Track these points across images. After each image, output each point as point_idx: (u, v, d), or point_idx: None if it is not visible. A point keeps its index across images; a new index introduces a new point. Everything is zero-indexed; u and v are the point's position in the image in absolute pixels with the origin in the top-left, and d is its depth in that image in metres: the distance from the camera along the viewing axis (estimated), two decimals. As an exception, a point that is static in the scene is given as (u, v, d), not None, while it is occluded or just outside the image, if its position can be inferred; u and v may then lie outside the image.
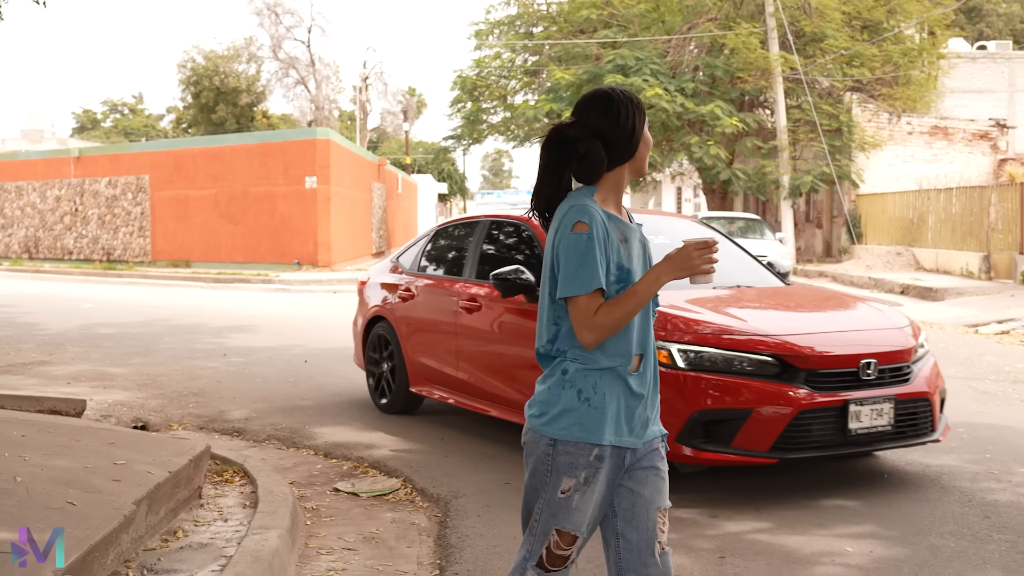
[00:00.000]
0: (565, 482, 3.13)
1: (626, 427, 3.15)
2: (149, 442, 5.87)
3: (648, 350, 3.21)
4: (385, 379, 8.65)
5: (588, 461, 3.11)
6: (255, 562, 4.65)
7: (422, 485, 6.45)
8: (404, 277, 8.65)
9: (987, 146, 30.08)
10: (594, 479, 3.12)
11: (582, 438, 3.10)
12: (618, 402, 3.12)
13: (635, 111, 3.27)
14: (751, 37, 27.84)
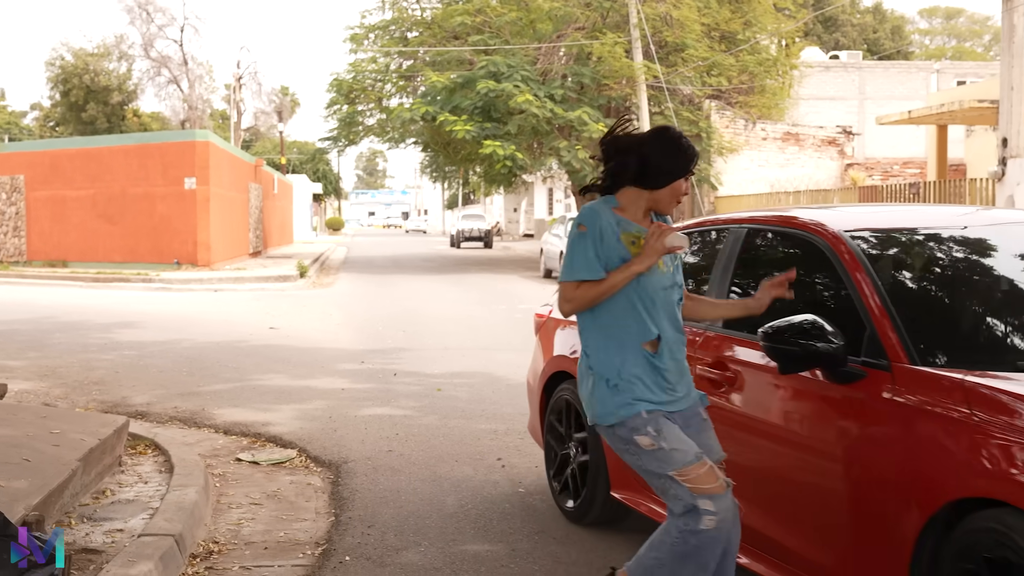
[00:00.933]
0: (642, 440, 3.69)
1: (658, 393, 3.76)
2: (77, 416, 6.68)
3: (666, 334, 3.79)
4: (573, 470, 5.64)
5: (643, 422, 3.70)
6: (179, 511, 5.53)
7: (315, 454, 7.37)
8: None
9: (835, 151, 32.09)
10: (663, 427, 3.70)
11: (623, 418, 3.72)
12: (643, 378, 3.75)
13: (681, 159, 3.79)
14: (616, 47, 29.23)
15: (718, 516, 3.60)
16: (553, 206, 61.58)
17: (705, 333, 4.80)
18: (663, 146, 3.79)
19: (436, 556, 5.16)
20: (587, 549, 5.24)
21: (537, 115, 28.62)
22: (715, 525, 3.60)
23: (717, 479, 3.65)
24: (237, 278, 24.68)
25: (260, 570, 5.01)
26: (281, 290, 23.23)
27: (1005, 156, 16.15)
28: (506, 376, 10.54)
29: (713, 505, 3.60)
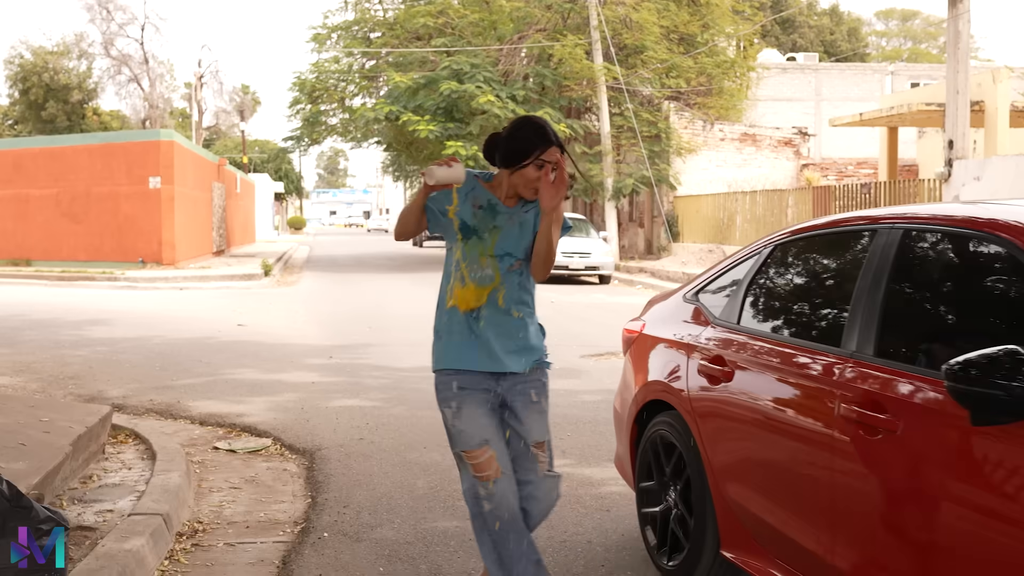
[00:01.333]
0: (445, 413, 4.08)
1: (468, 355, 4.04)
2: (63, 406, 7.00)
3: (489, 297, 4.04)
4: (674, 524, 4.75)
5: (451, 392, 4.04)
6: (164, 493, 5.88)
7: (289, 442, 7.72)
8: (713, 334, 4.63)
9: (791, 152, 32.69)
10: (462, 404, 4.00)
11: (441, 367, 4.10)
12: (459, 337, 4.07)
13: (532, 140, 4.00)
14: (577, 48, 29.70)
15: (494, 500, 3.96)
16: (515, 205, 61.92)
17: (850, 361, 3.68)
18: (511, 131, 4.07)
19: (409, 532, 5.54)
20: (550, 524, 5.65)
21: (499, 115, 29.02)
22: (490, 508, 3.97)
23: (494, 468, 3.95)
24: (202, 277, 24.90)
25: (244, 546, 5.36)
26: (246, 288, 23.48)
27: (951, 157, 16.73)
28: (470, 370, 10.91)
29: (484, 490, 3.97)
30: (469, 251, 4.07)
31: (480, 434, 3.99)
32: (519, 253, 4.10)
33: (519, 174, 4.02)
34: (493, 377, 4.07)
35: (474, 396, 4.04)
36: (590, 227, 27.27)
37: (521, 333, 4.10)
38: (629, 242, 34.40)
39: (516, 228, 4.10)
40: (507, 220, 4.10)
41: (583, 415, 8.62)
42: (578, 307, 18.64)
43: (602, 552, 5.21)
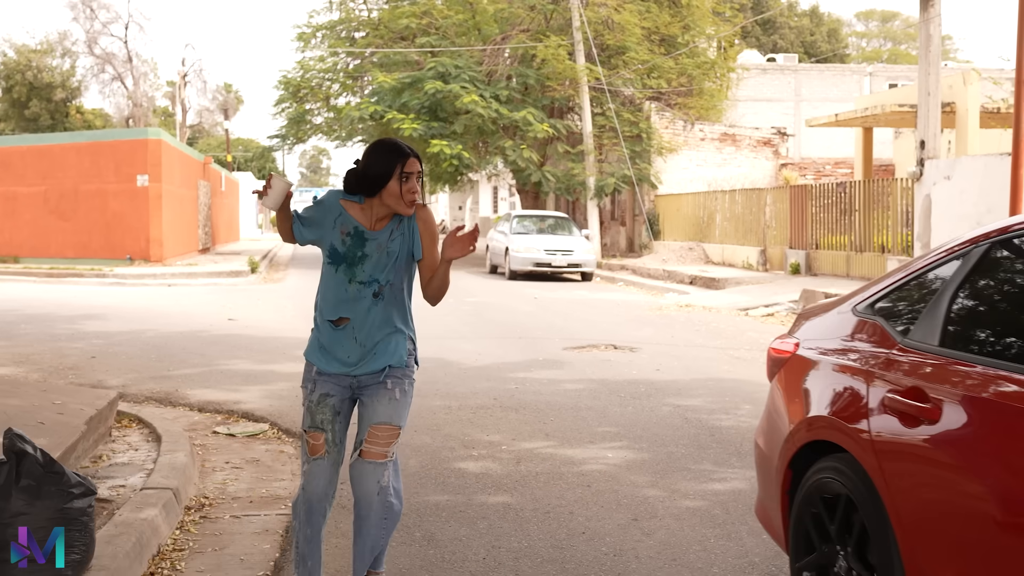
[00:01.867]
0: (303, 393, 4.42)
1: (330, 359, 4.33)
2: (73, 390, 7.38)
3: (355, 316, 4.29)
4: None
5: (311, 376, 4.38)
6: (172, 470, 6.27)
7: (286, 427, 8.10)
8: (904, 359, 3.59)
9: (770, 151, 33.21)
10: (315, 390, 4.33)
11: (307, 357, 4.41)
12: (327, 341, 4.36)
13: (389, 159, 4.23)
14: (560, 49, 30.12)
15: (307, 474, 4.33)
16: (498, 204, 62.36)
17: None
18: (365, 160, 4.29)
19: (403, 505, 5.93)
20: (535, 497, 6.06)
21: (483, 115, 29.45)
22: (303, 482, 4.34)
23: (322, 449, 4.30)
24: (190, 273, 25.22)
25: (249, 518, 5.76)
26: (234, 285, 23.81)
27: (923, 157, 17.22)
28: (457, 361, 11.32)
29: (306, 465, 4.33)
30: (338, 275, 4.32)
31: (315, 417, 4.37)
32: (384, 279, 4.32)
33: (386, 194, 4.23)
34: (351, 376, 4.36)
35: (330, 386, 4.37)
36: (572, 225, 27.70)
37: (384, 346, 4.35)
38: (611, 240, 34.85)
39: (384, 256, 4.32)
40: (375, 248, 4.30)
41: (565, 402, 9.03)
42: (560, 303, 19.05)
43: (583, 521, 5.62)
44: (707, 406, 8.86)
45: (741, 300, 18.69)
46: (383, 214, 4.33)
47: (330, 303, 4.35)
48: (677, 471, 6.68)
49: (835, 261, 20.97)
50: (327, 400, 4.33)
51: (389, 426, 4.30)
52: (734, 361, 11.64)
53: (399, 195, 4.24)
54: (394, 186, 4.22)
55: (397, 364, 4.35)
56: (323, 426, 4.32)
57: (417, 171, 4.28)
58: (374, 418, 4.31)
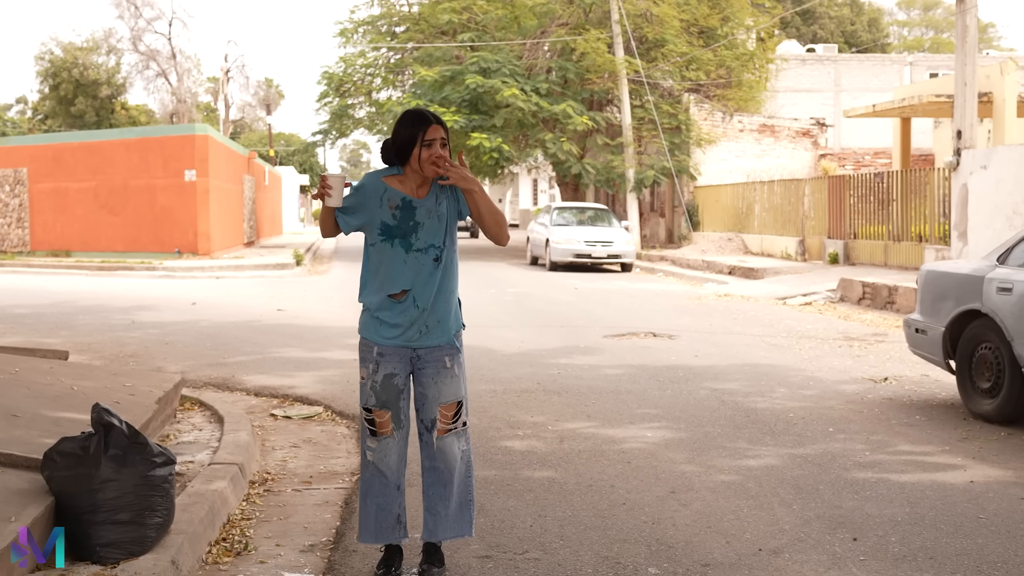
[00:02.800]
0: (362, 371, 4.60)
1: (390, 332, 4.48)
2: (140, 374, 7.82)
3: (416, 285, 4.45)
4: None
5: (372, 356, 4.53)
6: (236, 447, 6.67)
7: (339, 409, 8.50)
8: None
9: (809, 142, 33.30)
10: (379, 370, 4.49)
11: (365, 336, 4.58)
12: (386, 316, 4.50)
13: (413, 126, 4.45)
14: (599, 42, 30.41)
15: (375, 452, 4.59)
16: (538, 196, 62.68)
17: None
18: (395, 130, 4.53)
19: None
20: (577, 472, 6.42)
21: (523, 108, 29.78)
22: (372, 459, 4.60)
23: (386, 428, 4.54)
24: (237, 266, 25.76)
25: (309, 491, 6.15)
26: (280, 277, 24.32)
27: (959, 147, 17.37)
28: (500, 348, 11.68)
29: (374, 443, 4.58)
30: (394, 249, 4.48)
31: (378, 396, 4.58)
32: (440, 243, 4.52)
33: (413, 160, 4.45)
34: (411, 349, 4.54)
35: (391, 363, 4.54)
36: (612, 217, 27.99)
37: (443, 315, 4.55)
38: (651, 231, 35.10)
39: (435, 221, 4.51)
40: (425, 214, 4.49)
41: (606, 386, 9.37)
42: (600, 293, 19.38)
43: (623, 494, 5.97)
44: (743, 389, 9.17)
45: (779, 289, 18.93)
46: (421, 180, 4.53)
47: (388, 278, 4.49)
48: (713, 449, 7.01)
49: (873, 251, 21.14)
50: (392, 380, 4.52)
51: (455, 402, 4.57)
52: (770, 348, 11.93)
53: (425, 160, 4.44)
54: (417, 152, 4.43)
55: (456, 338, 4.59)
56: (388, 405, 4.54)
57: (440, 137, 4.45)
58: (441, 398, 4.54)
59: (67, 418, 5.80)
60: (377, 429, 4.58)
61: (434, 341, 4.54)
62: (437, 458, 4.59)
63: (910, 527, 5.29)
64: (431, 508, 4.64)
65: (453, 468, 4.60)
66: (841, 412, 8.19)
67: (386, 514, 4.63)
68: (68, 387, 6.63)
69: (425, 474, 4.68)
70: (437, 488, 4.62)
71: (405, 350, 4.53)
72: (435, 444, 4.57)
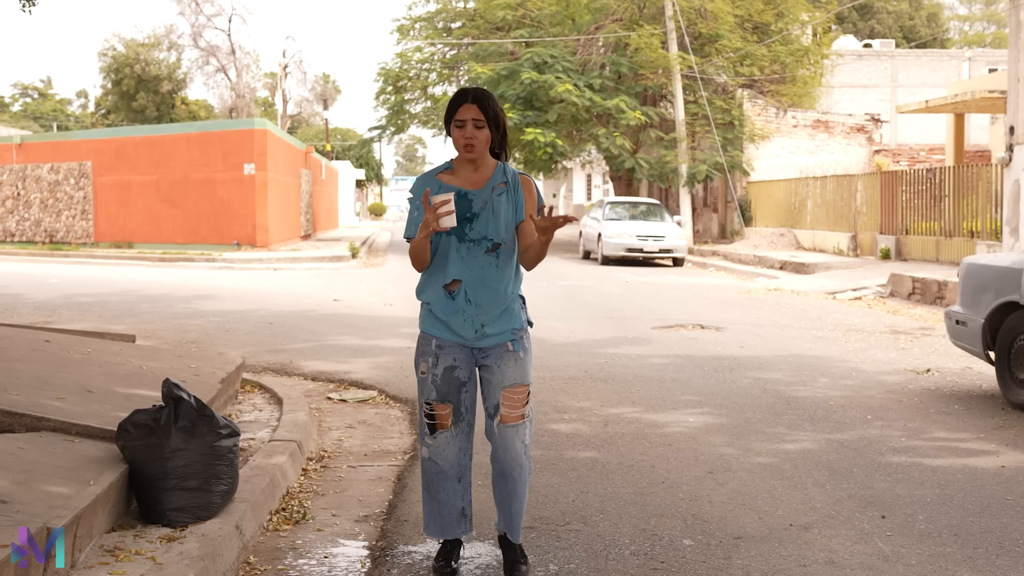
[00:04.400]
0: (421, 365, 4.45)
1: (447, 329, 4.36)
2: (204, 356, 8.19)
3: (467, 277, 4.30)
4: None
5: (430, 349, 4.40)
6: (295, 426, 7.01)
7: (393, 393, 8.82)
8: None
9: (863, 138, 33.19)
10: (438, 363, 4.36)
11: (424, 330, 4.46)
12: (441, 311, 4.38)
13: (452, 105, 4.28)
14: (653, 38, 30.56)
15: (432, 448, 4.47)
16: (591, 191, 62.83)
17: None
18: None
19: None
20: (619, 453, 6.68)
21: (577, 104, 30.01)
22: (428, 455, 4.48)
23: (448, 419, 4.42)
24: (294, 258, 26.27)
25: (364, 468, 6.46)
26: (336, 269, 24.77)
27: (1012, 143, 17.35)
28: (550, 338, 11.94)
29: (432, 439, 4.46)
30: (449, 237, 4.31)
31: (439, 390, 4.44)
32: (494, 236, 4.32)
33: (454, 148, 4.32)
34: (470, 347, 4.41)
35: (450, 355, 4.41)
36: (664, 211, 28.16)
37: (501, 308, 4.38)
38: (703, 226, 35.18)
39: (491, 213, 4.31)
40: (480, 204, 4.31)
41: (651, 375, 9.61)
42: (651, 287, 19.58)
43: (663, 473, 6.22)
44: (786, 379, 9.38)
45: (829, 284, 19.01)
46: (473, 168, 4.38)
47: (440, 267, 4.36)
48: (752, 433, 7.24)
49: (925, 246, 21.13)
50: (453, 372, 4.38)
51: (521, 386, 4.38)
52: (816, 340, 12.09)
53: (456, 143, 4.29)
54: (455, 133, 4.27)
55: (518, 326, 4.42)
56: (449, 398, 4.39)
57: (471, 118, 4.24)
58: (504, 381, 4.36)
59: (138, 394, 6.16)
60: (436, 423, 4.45)
61: (491, 343, 4.40)
62: (499, 448, 4.43)
63: (938, 507, 5.50)
64: (500, 503, 4.54)
65: (517, 462, 4.42)
66: (881, 401, 8.38)
67: (449, 509, 4.53)
68: (137, 367, 7.01)
69: (492, 466, 4.56)
70: (500, 482, 4.49)
71: (464, 346, 4.41)
72: (497, 433, 4.41)
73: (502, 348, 4.38)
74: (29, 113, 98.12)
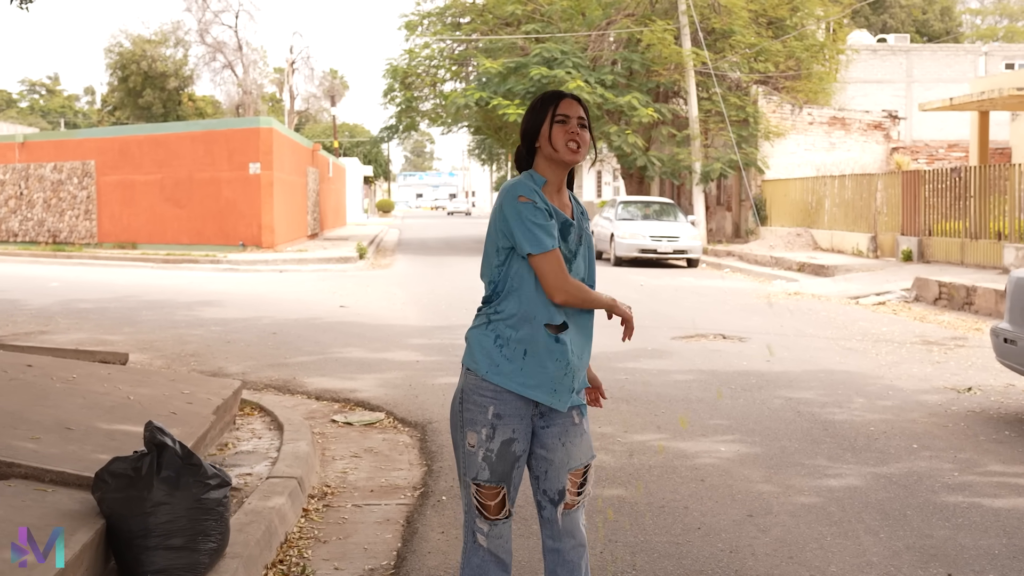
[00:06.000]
0: (470, 436, 3.51)
1: (542, 382, 3.48)
2: (199, 380, 7.66)
3: (573, 326, 3.53)
4: None
5: (486, 417, 3.48)
6: (296, 459, 6.47)
7: (402, 416, 8.29)
8: None
9: (880, 135, 32.56)
10: (496, 435, 3.48)
11: (489, 377, 3.49)
12: (533, 358, 3.48)
13: (533, 110, 3.57)
14: (665, 33, 29.95)
15: (491, 539, 3.62)
16: (601, 188, 62.24)
17: None
18: (524, 123, 3.61)
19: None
20: (649, 491, 6.13)
21: (588, 100, 29.42)
22: (487, 546, 3.62)
23: (504, 507, 3.59)
24: (300, 259, 25.74)
25: (370, 507, 5.93)
26: (343, 271, 24.24)
27: (1043, 142, 16.76)
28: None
29: (487, 526, 3.61)
30: None
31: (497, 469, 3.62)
32: (591, 279, 3.70)
33: (544, 149, 3.54)
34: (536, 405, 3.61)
35: None
36: (678, 211, 27.59)
37: (585, 362, 3.66)
38: (716, 225, 34.59)
39: (585, 247, 3.66)
40: (576, 237, 3.60)
41: (675, 393, 9.06)
42: (667, 290, 19.02)
43: (698, 516, 5.67)
44: (819, 399, 8.81)
45: (851, 288, 18.44)
46: (557, 188, 3.58)
47: (543, 306, 3.50)
48: (791, 466, 6.68)
49: (949, 248, 20.53)
50: (510, 447, 3.54)
51: (585, 467, 3.69)
52: (845, 352, 11.53)
53: (557, 140, 3.50)
54: (546, 130, 3.50)
55: (582, 388, 3.71)
56: (505, 478, 3.56)
57: (578, 116, 3.54)
58: (571, 462, 3.63)
59: (122, 431, 5.63)
60: (489, 510, 3.59)
61: (578, 400, 3.64)
62: (563, 538, 3.66)
63: (1009, 561, 4.94)
64: None
65: (583, 549, 3.71)
66: (924, 426, 7.82)
67: None
68: (125, 396, 6.47)
69: (547, 556, 3.72)
70: (565, 569, 3.69)
71: (528, 405, 3.55)
72: (560, 521, 3.64)
73: (567, 420, 3.61)
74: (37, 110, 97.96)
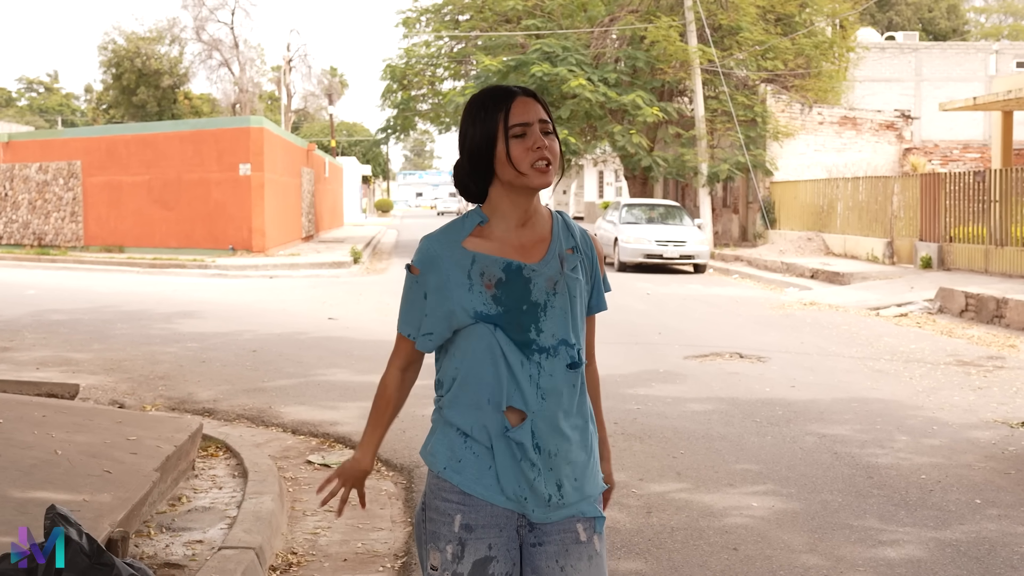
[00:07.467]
0: (432, 556, 2.71)
1: (506, 486, 2.66)
2: (151, 420, 6.68)
3: (538, 411, 2.63)
4: None
5: (451, 530, 2.66)
6: (257, 521, 5.50)
7: (386, 457, 7.31)
8: None
9: (893, 136, 31.59)
10: (465, 553, 2.64)
11: (447, 476, 2.69)
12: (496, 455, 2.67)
13: (475, 118, 2.66)
14: (670, 30, 28.97)
15: None
16: (604, 189, 61.31)
17: None
18: (463, 129, 2.68)
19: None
20: (673, 565, 5.16)
21: (590, 99, 28.51)
22: None
23: None
24: (292, 264, 24.76)
25: (341, 584, 4.97)
26: (335, 277, 23.28)
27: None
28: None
29: None
30: (508, 345, 2.64)
31: None
32: (575, 339, 2.68)
33: (501, 172, 2.62)
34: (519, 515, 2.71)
35: None
36: (684, 214, 26.61)
37: (582, 465, 2.72)
38: (723, 228, 33.62)
39: (566, 298, 2.68)
40: (548, 289, 2.65)
41: (695, 428, 8.08)
42: (675, 300, 18.06)
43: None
44: (857, 437, 7.83)
45: (870, 298, 17.46)
46: (522, 221, 2.68)
47: (486, 375, 2.65)
48: (837, 529, 5.70)
49: (971, 255, 19.53)
50: (489, 568, 2.65)
51: None
52: (876, 375, 10.55)
53: (520, 161, 2.58)
54: (501, 150, 2.59)
55: (595, 492, 2.75)
56: None
57: (539, 119, 2.61)
58: None
59: (38, 500, 4.65)
60: None
61: (567, 512, 2.69)
62: None
63: None
64: None
65: None
66: (983, 473, 6.84)
67: None
68: (53, 450, 5.49)
69: None
70: None
71: (509, 512, 2.68)
72: None
73: (567, 536, 2.67)
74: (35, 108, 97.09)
